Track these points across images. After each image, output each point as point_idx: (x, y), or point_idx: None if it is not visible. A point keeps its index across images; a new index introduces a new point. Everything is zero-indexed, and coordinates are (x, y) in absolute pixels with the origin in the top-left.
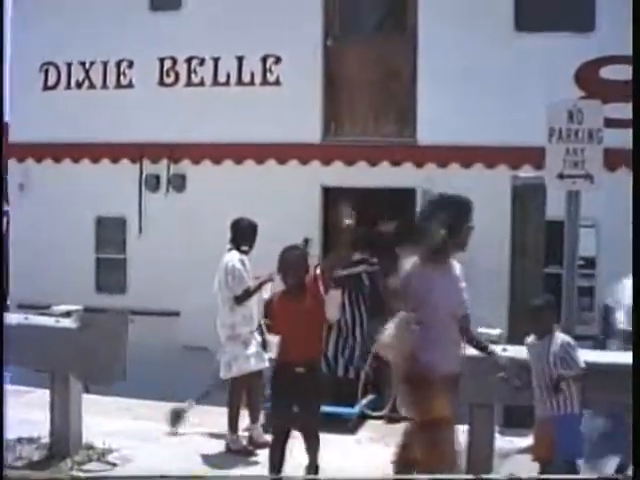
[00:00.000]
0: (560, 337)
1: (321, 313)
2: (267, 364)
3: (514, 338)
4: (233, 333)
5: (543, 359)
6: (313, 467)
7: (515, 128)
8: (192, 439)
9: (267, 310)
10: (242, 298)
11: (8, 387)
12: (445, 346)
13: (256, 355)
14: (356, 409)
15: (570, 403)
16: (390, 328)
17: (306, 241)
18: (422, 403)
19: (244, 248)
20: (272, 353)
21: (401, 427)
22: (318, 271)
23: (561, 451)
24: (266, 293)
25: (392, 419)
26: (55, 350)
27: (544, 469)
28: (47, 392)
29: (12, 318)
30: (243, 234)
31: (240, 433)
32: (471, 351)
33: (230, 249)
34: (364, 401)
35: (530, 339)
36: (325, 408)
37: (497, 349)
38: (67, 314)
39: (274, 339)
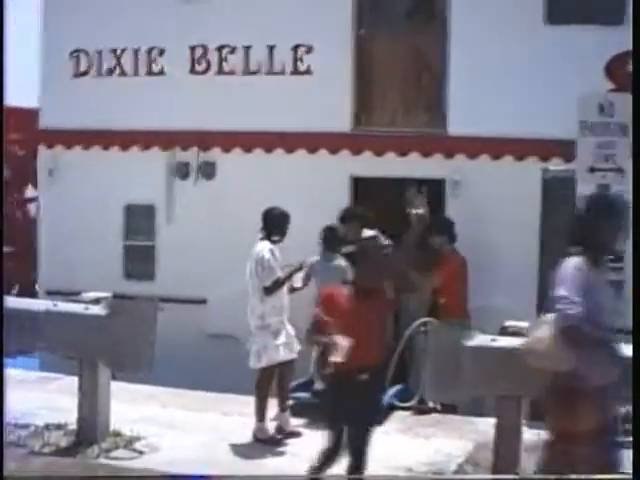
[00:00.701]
0: None
1: (389, 313)
2: (296, 355)
3: None
4: (263, 323)
5: None
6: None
7: (545, 120)
8: (219, 427)
9: (326, 305)
10: (271, 289)
11: (36, 374)
12: (603, 355)
13: (286, 345)
14: (384, 400)
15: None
16: (542, 332)
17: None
18: (574, 414)
19: (275, 238)
20: (335, 355)
21: (428, 418)
22: None
23: None
24: (297, 282)
25: (420, 410)
26: (84, 337)
27: None
28: (75, 379)
29: (41, 305)
30: (275, 224)
31: (268, 422)
32: (503, 342)
33: (261, 238)
34: (392, 391)
35: None
36: None
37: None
38: (96, 301)
39: (341, 340)
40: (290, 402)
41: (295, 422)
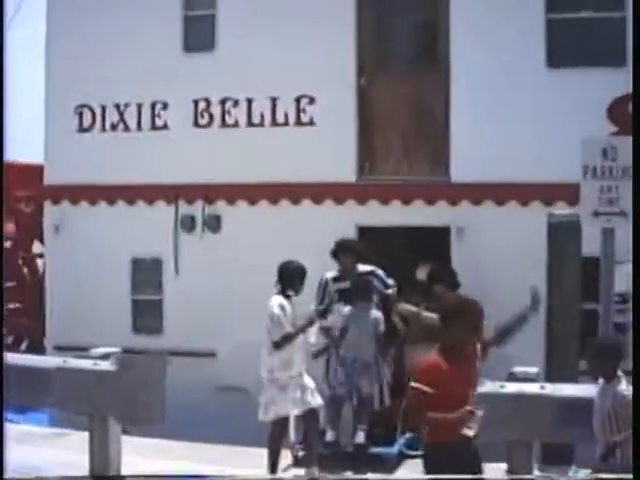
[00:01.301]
0: (620, 390)
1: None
2: (310, 407)
3: (552, 376)
4: (272, 377)
5: (603, 408)
6: None
7: (549, 165)
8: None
9: (427, 377)
10: (280, 343)
11: (47, 430)
12: None
13: (295, 400)
14: (395, 448)
15: (621, 457)
16: None
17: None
18: None
19: (289, 292)
20: (471, 428)
21: None
22: None
23: None
24: (311, 337)
25: None
26: (94, 392)
27: None
28: (86, 434)
29: (51, 361)
30: (289, 278)
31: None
32: (512, 388)
33: (276, 293)
34: (402, 440)
35: (600, 381)
36: None
37: (535, 388)
38: (105, 356)
39: (477, 412)
40: (300, 453)
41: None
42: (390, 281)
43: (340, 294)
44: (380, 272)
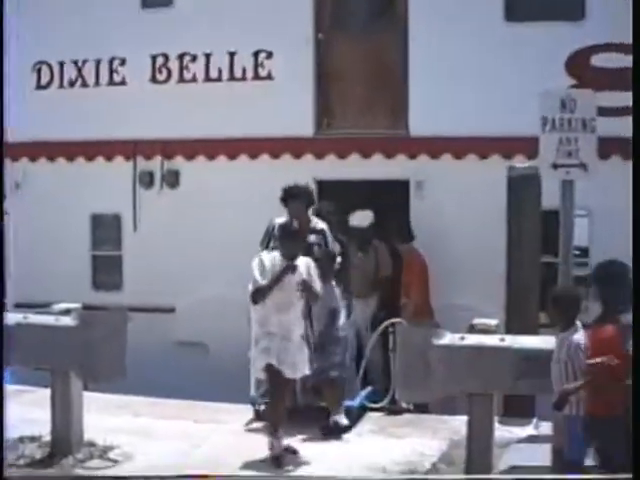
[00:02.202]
0: (574, 338)
1: None
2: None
3: (512, 328)
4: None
5: (560, 355)
6: None
7: (507, 118)
8: (192, 434)
9: (613, 348)
10: (253, 296)
11: (9, 387)
12: None
13: (265, 351)
14: (356, 402)
15: (576, 405)
16: None
17: None
18: None
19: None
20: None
21: (401, 419)
22: None
23: (569, 453)
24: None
25: (392, 411)
26: (55, 348)
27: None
28: (48, 391)
29: (11, 318)
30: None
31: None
32: (472, 340)
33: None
34: (363, 393)
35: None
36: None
37: (494, 340)
38: (66, 312)
39: None
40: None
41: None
42: (335, 247)
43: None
44: (329, 236)
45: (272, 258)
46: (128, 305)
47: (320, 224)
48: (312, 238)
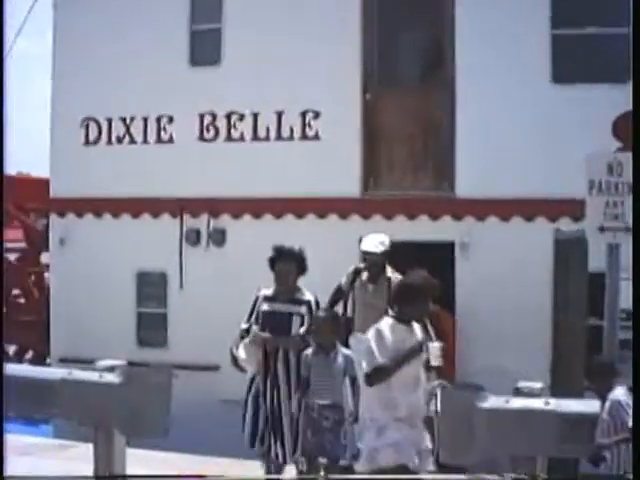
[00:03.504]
0: (614, 396)
1: None
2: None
3: (557, 392)
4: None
5: (602, 414)
6: None
7: (554, 180)
8: None
9: None
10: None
11: (53, 441)
12: None
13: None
14: None
15: (617, 465)
16: None
17: None
18: None
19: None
20: None
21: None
22: None
23: None
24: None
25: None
26: (98, 404)
27: None
28: (91, 446)
29: (56, 373)
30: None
31: None
32: (517, 404)
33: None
34: None
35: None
36: None
37: (539, 402)
38: (110, 369)
39: None
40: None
41: None
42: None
43: (266, 318)
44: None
45: (389, 327)
46: (173, 362)
47: (308, 295)
48: (296, 308)
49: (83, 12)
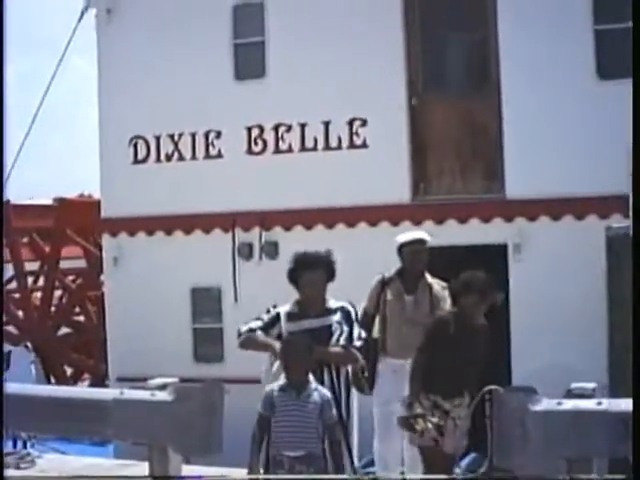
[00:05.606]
0: None
1: None
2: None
3: (615, 390)
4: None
5: None
6: None
7: (603, 178)
8: None
9: None
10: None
11: (113, 462)
12: None
13: None
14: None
15: None
16: None
17: None
18: None
19: None
20: None
21: None
22: None
23: None
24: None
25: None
26: (151, 423)
27: None
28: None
29: (108, 393)
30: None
31: None
32: (569, 405)
33: None
34: (465, 461)
35: None
36: None
37: (592, 402)
38: (162, 387)
39: None
40: None
41: None
42: (358, 332)
43: None
44: (352, 313)
45: None
46: (230, 377)
47: (336, 302)
48: (330, 320)
49: (127, 30)
